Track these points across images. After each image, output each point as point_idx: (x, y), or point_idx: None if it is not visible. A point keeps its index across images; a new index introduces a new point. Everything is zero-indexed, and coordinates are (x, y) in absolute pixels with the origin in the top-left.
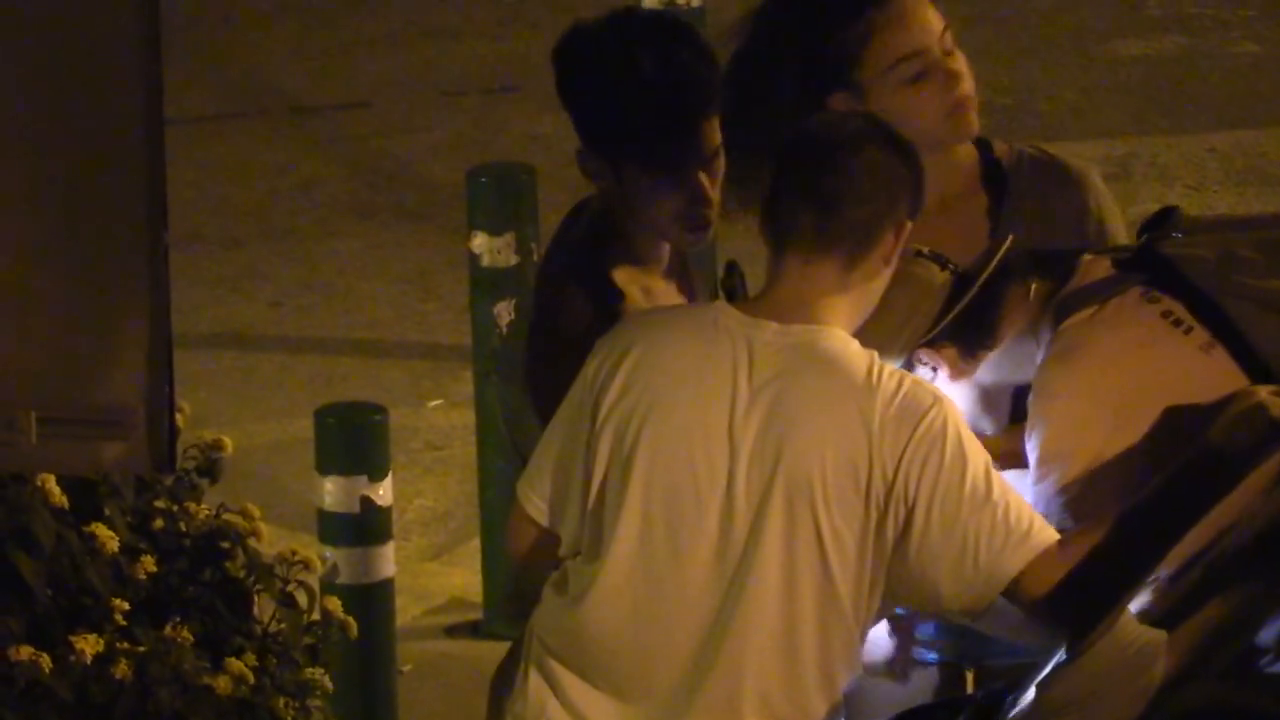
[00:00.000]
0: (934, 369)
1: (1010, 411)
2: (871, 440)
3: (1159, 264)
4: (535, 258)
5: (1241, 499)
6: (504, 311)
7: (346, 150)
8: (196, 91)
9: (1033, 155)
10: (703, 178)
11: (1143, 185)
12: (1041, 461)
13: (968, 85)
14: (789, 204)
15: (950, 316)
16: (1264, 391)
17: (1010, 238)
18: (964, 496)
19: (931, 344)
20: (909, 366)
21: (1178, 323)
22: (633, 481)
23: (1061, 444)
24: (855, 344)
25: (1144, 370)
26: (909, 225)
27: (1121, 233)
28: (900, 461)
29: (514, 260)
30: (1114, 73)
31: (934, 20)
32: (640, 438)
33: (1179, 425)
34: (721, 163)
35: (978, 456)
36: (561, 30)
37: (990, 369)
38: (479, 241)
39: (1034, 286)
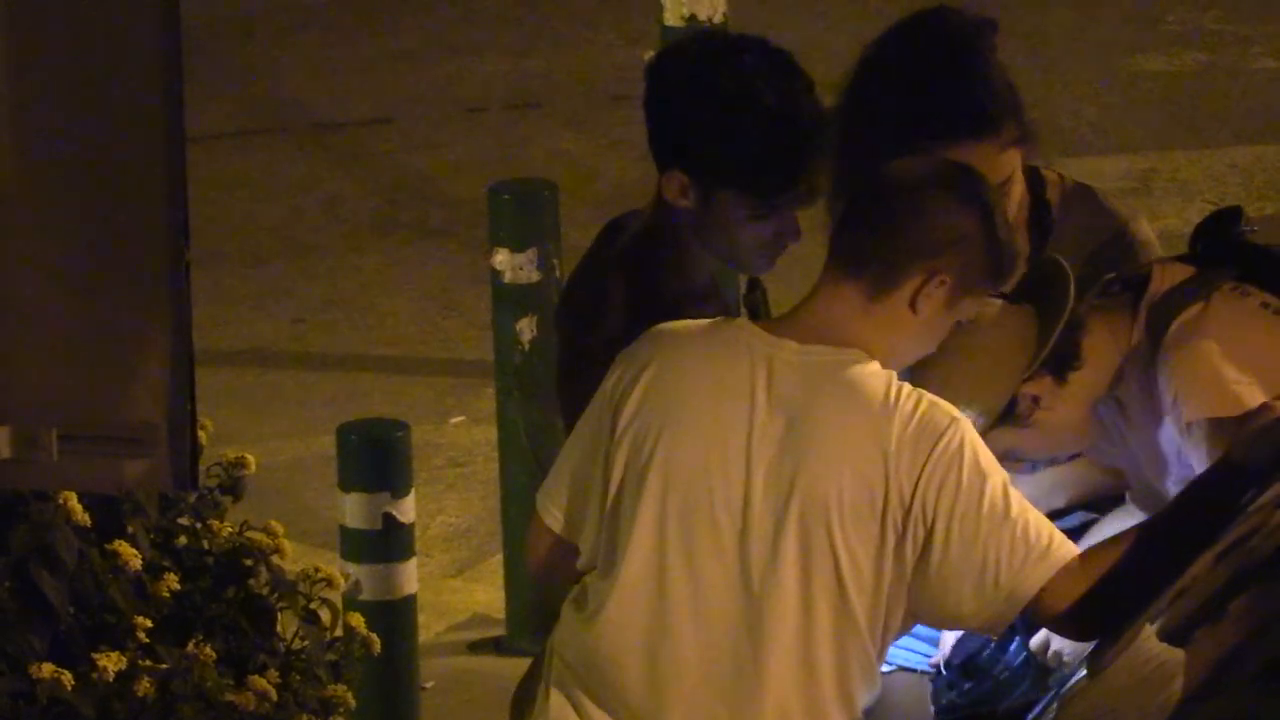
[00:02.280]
0: (1034, 399)
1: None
2: (888, 462)
3: (1249, 257)
4: (557, 274)
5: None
6: (526, 328)
7: (369, 167)
8: (218, 108)
9: (1082, 199)
10: (796, 213)
11: (1164, 201)
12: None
13: None
14: (842, 228)
15: (1048, 348)
16: None
17: (1068, 267)
18: (983, 515)
19: (1028, 377)
20: (1014, 403)
21: (1278, 312)
22: (646, 497)
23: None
24: (874, 365)
25: (1268, 358)
26: (948, 280)
27: None
28: (918, 482)
29: (536, 276)
30: (1135, 89)
31: (994, 173)
32: (655, 453)
33: None
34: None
35: (996, 474)
36: (583, 46)
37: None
38: (501, 258)
39: (1100, 303)
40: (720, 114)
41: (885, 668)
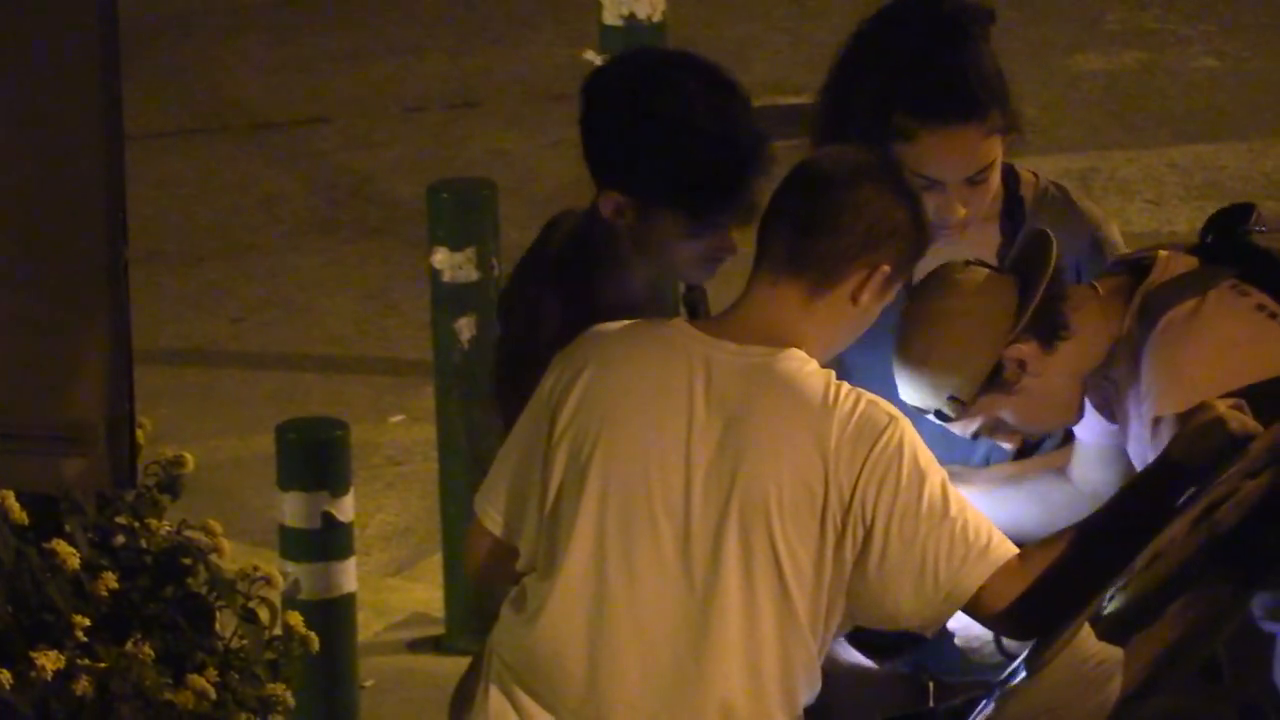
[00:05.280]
0: (1021, 363)
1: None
2: (827, 461)
3: (1251, 257)
4: (496, 273)
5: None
6: (465, 327)
7: (308, 166)
8: (157, 107)
9: (1055, 198)
10: (733, 230)
11: (1102, 199)
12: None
13: (959, 216)
14: (772, 225)
15: (1028, 315)
16: (1223, 405)
17: (1052, 237)
18: (922, 514)
19: (1012, 343)
20: (1000, 367)
21: (1273, 315)
22: (585, 499)
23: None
24: (813, 364)
25: (1251, 363)
26: (887, 270)
27: None
28: (857, 481)
29: (475, 276)
30: (1074, 87)
31: (976, 159)
32: (594, 455)
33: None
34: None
35: (935, 473)
36: (522, 46)
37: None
38: (440, 257)
39: (1100, 283)
40: (659, 136)
41: None
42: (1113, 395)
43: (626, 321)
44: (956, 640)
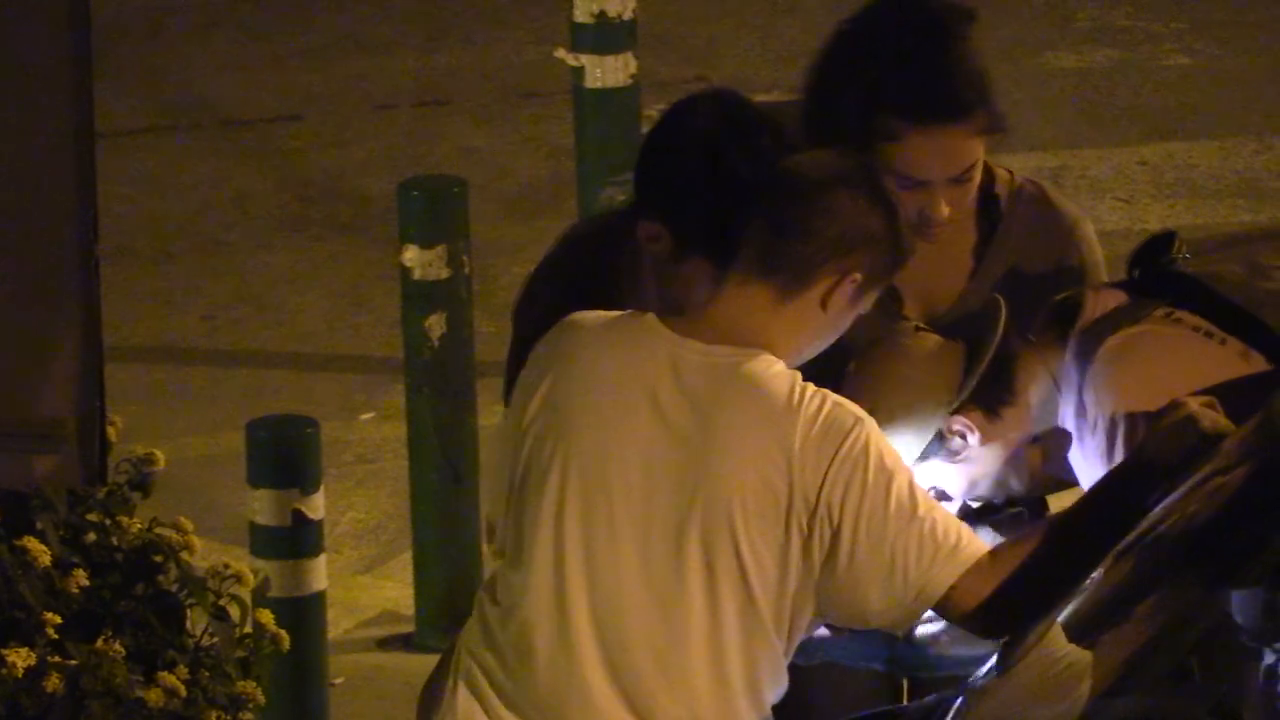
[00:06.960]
0: (964, 434)
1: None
2: (792, 463)
3: (1181, 284)
4: (466, 271)
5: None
6: (435, 324)
7: (278, 163)
8: (127, 105)
9: (1031, 196)
10: None
11: (1073, 198)
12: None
13: (944, 216)
14: (748, 225)
15: (972, 383)
16: (1195, 403)
17: (1003, 303)
18: (890, 514)
19: (957, 411)
20: (941, 437)
21: (1209, 335)
22: (548, 493)
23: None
24: (779, 365)
25: (1191, 374)
26: (858, 278)
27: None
28: (823, 483)
29: (445, 273)
30: (1045, 85)
31: (962, 159)
32: (557, 449)
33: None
34: None
35: (902, 473)
36: (493, 43)
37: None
38: (410, 255)
39: (1036, 336)
40: (721, 196)
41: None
42: (1067, 441)
43: (602, 314)
44: None
